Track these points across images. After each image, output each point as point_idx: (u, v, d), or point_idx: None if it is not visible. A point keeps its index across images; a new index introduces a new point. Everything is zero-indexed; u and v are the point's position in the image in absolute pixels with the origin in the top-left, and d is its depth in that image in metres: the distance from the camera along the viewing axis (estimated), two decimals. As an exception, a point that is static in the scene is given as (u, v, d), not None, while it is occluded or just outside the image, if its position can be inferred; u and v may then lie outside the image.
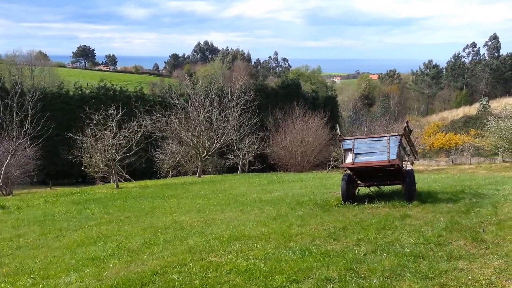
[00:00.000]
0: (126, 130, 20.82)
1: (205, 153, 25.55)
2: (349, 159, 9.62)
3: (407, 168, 10.00)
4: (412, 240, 6.02)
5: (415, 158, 11.37)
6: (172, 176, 30.90)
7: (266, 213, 9.74)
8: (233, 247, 6.69)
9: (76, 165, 28.32)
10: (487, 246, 5.40)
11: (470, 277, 4.38)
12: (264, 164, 36.16)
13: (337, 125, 15.99)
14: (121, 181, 24.84)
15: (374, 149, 9.45)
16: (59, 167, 41.47)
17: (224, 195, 14.37)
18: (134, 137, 20.94)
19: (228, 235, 7.49)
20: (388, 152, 9.19)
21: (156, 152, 32.75)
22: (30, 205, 15.64)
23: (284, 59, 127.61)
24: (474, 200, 8.71)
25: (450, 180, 14.53)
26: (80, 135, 21.98)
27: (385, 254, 5.45)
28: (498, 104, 70.04)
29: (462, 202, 8.58)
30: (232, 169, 34.51)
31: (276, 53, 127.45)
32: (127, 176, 28.69)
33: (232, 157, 33.69)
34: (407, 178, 9.43)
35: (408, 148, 10.55)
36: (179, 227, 9.19)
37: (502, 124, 36.53)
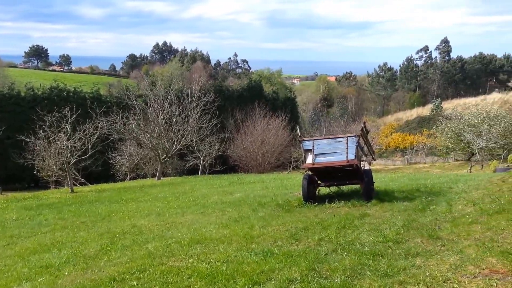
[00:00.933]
0: (82, 132, 20.16)
1: (165, 155, 25.14)
2: (309, 159, 9.71)
3: (365, 168, 10.20)
4: (371, 238, 6.11)
5: (373, 158, 11.63)
6: (131, 179, 30.25)
7: (227, 215, 9.68)
8: (194, 250, 6.57)
9: (28, 169, 27.20)
10: (442, 243, 5.53)
11: (427, 273, 4.46)
12: (225, 165, 36.00)
13: (297, 126, 16.12)
14: (76, 185, 24.06)
15: (333, 150, 9.58)
16: (9, 171, 39.70)
17: (185, 197, 14.17)
18: (90, 139, 20.31)
19: (189, 239, 7.37)
20: (347, 153, 9.34)
21: (114, 155, 31.97)
22: (-21, 211, 14.86)
23: (244, 61, 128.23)
24: (429, 198, 8.95)
25: (406, 179, 14.91)
26: (33, 138, 21.10)
27: (345, 253, 5.50)
28: (450, 105, 72.99)
29: (418, 200, 8.81)
30: (193, 171, 34.15)
31: (236, 55, 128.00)
32: (83, 180, 27.85)
33: (193, 159, 33.30)
34: (366, 177, 9.61)
35: (365, 148, 10.76)
36: (138, 232, 8.98)
37: (449, 124, 38.13)
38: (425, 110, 77.42)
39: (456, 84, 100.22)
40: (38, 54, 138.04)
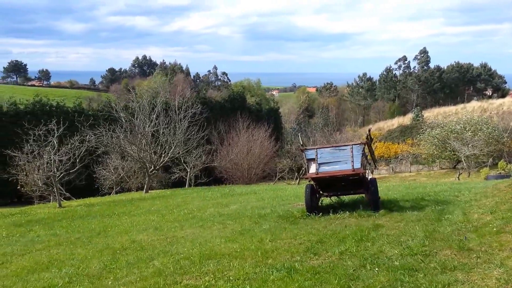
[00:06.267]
0: (69, 145, 19.59)
1: (153, 168, 24.65)
2: (312, 169, 9.49)
3: (370, 177, 10.02)
4: (396, 251, 5.88)
5: (375, 166, 11.48)
6: (116, 192, 29.58)
7: (229, 228, 9.37)
8: (207, 267, 6.25)
9: (10, 184, 26.36)
10: (477, 255, 5.32)
11: (477, 290, 4.22)
12: (210, 177, 35.56)
13: (299, 134, 15.96)
14: (61, 200, 23.32)
15: (337, 158, 9.39)
16: (-10, 187, 38.39)
17: (179, 210, 13.78)
18: (77, 153, 19.75)
19: (198, 254, 7.03)
20: (352, 161, 9.15)
21: (98, 168, 31.24)
22: (-36, 229, 14.16)
23: (224, 73, 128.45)
24: (439, 207, 8.79)
25: (402, 188, 14.82)
26: (18, 152, 20.45)
27: (376, 268, 5.24)
28: (430, 114, 74.10)
29: (428, 210, 8.64)
30: (178, 184, 33.63)
31: (215, 67, 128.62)
32: (67, 194, 27.07)
33: (178, 171, 32.85)
34: (371, 187, 9.42)
35: (369, 157, 10.60)
36: (139, 247, 8.58)
37: (433, 132, 38.51)
38: (406, 119, 78.38)
39: (435, 93, 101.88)
40: (17, 69, 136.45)
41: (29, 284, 6.75)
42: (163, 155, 25.02)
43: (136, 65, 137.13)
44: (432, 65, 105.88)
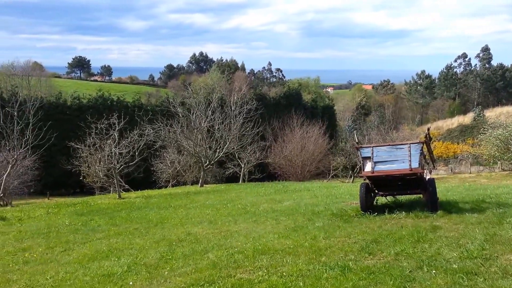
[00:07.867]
0: (129, 138, 20.43)
1: (208, 162, 25.16)
2: (368, 167, 9.32)
3: (428, 177, 9.70)
4: (455, 254, 5.68)
5: (434, 166, 11.10)
6: (172, 185, 30.48)
7: (283, 224, 9.40)
8: (260, 262, 6.32)
9: (73, 175, 27.87)
10: (542, 261, 5.06)
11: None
12: (263, 173, 35.82)
13: (354, 131, 15.75)
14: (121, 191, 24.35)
15: (394, 157, 9.16)
16: (56, 178, 40.84)
17: (233, 205, 13.98)
18: (136, 146, 20.55)
19: (252, 249, 7.12)
20: (410, 160, 8.90)
21: (156, 162, 32.34)
22: (32, 216, 15.08)
23: (278, 70, 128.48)
24: (500, 210, 8.39)
25: (462, 189, 14.25)
26: (81, 145, 21.56)
27: (434, 271, 5.10)
28: (492, 114, 70.50)
29: (489, 212, 8.27)
30: (232, 179, 34.13)
31: (270, 64, 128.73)
32: (127, 186, 28.20)
33: (232, 166, 33.33)
34: (430, 187, 9.12)
35: (427, 156, 10.27)
36: (195, 240, 8.80)
37: (495, 133, 36.54)
38: (466, 119, 75.13)
39: (497, 92, 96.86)
40: (81, 65, 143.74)
41: (90, 271, 7.10)
42: (218, 150, 25.46)
43: (193, 62, 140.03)
44: (494, 62, 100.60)
